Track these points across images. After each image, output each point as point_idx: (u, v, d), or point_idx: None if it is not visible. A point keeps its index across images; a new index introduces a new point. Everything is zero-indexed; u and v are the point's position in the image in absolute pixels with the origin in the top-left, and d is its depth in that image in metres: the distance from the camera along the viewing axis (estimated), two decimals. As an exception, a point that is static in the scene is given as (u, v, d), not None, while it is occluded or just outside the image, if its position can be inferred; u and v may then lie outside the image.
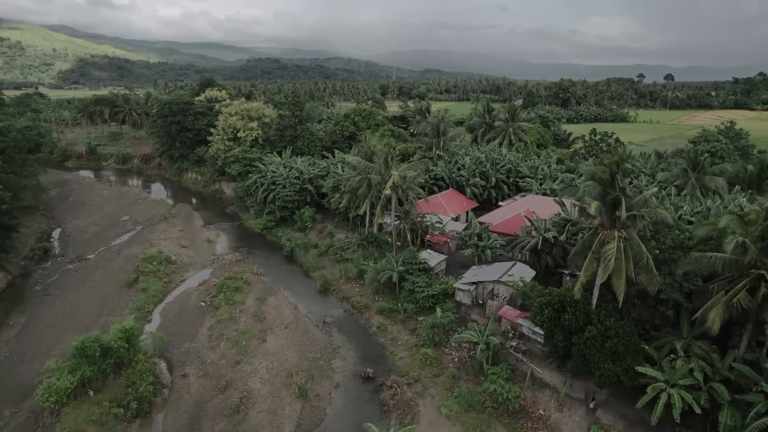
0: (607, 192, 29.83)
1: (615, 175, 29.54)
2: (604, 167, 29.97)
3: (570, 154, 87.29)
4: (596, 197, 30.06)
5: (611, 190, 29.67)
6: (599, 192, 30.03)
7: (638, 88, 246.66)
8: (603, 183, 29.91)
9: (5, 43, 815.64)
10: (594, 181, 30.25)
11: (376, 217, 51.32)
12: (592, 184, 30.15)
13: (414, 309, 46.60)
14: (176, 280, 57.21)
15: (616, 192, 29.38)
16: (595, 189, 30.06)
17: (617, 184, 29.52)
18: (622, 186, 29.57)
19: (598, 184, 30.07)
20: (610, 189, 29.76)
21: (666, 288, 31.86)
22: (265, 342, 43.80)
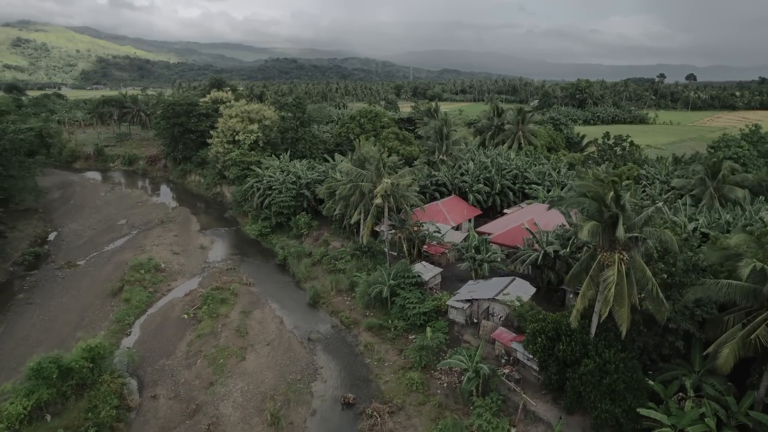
0: (603, 210, 26.44)
1: (614, 192, 26.10)
2: (601, 183, 26.59)
3: (582, 159, 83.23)
4: (591, 215, 26.70)
5: (608, 208, 26.27)
6: (595, 209, 26.65)
7: (658, 88, 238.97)
8: (599, 199, 26.53)
9: (31, 44, 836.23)
10: (587, 197, 26.88)
11: (366, 228, 48.46)
12: (585, 201, 26.75)
13: (405, 326, 43.63)
14: (163, 290, 55.11)
15: (613, 210, 25.95)
16: (590, 206, 26.67)
17: (616, 201, 26.08)
18: (621, 203, 26.11)
19: (593, 200, 26.69)
20: (607, 207, 26.36)
21: (676, 316, 28.38)
22: (243, 360, 41.24)
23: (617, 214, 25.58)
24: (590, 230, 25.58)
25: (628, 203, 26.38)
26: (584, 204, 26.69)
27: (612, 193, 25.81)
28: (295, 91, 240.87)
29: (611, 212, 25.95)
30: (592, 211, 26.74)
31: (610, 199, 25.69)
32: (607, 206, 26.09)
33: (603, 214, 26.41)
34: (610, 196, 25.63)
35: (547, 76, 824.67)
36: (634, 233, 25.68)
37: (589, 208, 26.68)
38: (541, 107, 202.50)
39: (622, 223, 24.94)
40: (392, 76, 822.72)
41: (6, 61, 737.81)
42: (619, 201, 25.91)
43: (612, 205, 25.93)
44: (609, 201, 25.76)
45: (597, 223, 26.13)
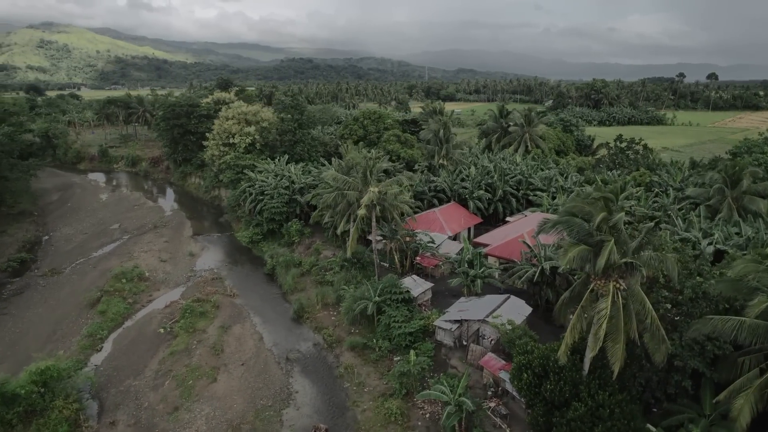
0: (595, 233, 22.89)
1: (606, 213, 22.52)
2: (593, 202, 23.07)
3: (592, 163, 79.00)
4: (581, 238, 23.16)
5: (599, 231, 22.72)
6: (585, 232, 23.09)
7: (678, 88, 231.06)
8: (589, 220, 23.00)
9: (54, 45, 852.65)
10: (576, 217, 23.34)
11: (351, 239, 45.32)
12: (574, 222, 23.20)
13: (389, 347, 40.44)
14: (143, 300, 52.72)
15: (605, 233, 22.37)
16: (579, 228, 23.10)
17: (607, 223, 22.49)
18: (613, 225, 22.49)
19: (583, 221, 23.15)
20: (598, 229, 22.80)
21: (683, 352, 24.74)
22: (214, 382, 38.44)
23: (604, 240, 22.00)
24: (576, 256, 22.09)
25: (623, 225, 22.74)
26: (573, 225, 23.21)
27: (603, 214, 22.27)
28: (305, 92, 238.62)
29: (598, 238, 22.40)
30: (582, 233, 23.24)
31: (600, 221, 22.15)
32: (598, 228, 22.56)
33: (594, 237, 22.87)
34: (600, 217, 22.10)
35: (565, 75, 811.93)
36: (629, 259, 22.05)
37: (579, 230, 23.19)
38: (555, 107, 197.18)
39: (614, 248, 21.34)
40: (407, 76, 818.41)
41: (30, 62, 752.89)
42: (612, 222, 22.30)
43: (603, 227, 22.39)
44: (600, 223, 22.23)
45: (587, 248, 22.60)
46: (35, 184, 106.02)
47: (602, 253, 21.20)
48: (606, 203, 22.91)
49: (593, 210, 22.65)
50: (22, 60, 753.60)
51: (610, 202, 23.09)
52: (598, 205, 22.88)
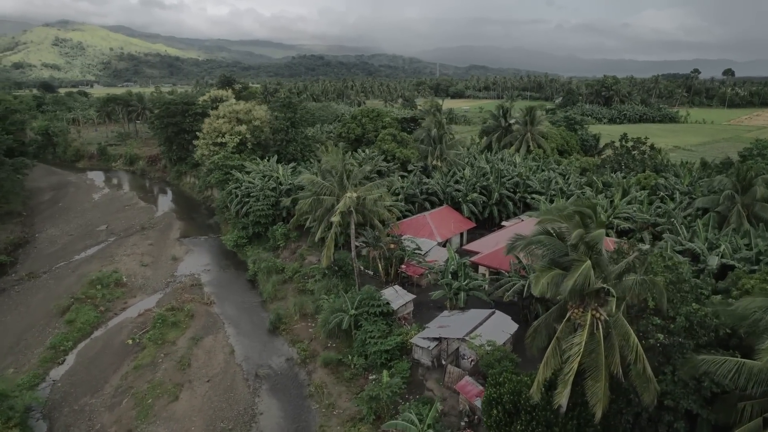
0: (567, 254, 19.77)
1: (582, 230, 19.38)
2: (569, 216, 19.94)
3: (597, 164, 75.25)
4: (555, 261, 20.06)
5: (576, 252, 19.59)
6: (561, 252, 19.98)
7: (692, 84, 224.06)
8: (564, 239, 19.92)
9: (68, 43, 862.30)
10: (551, 236, 20.25)
11: (326, 248, 42.44)
12: (547, 241, 20.12)
13: (364, 364, 37.64)
14: (117, 308, 50.46)
15: (578, 254, 19.23)
16: (554, 248, 20.00)
17: (586, 243, 19.34)
18: (593, 246, 19.34)
19: (558, 240, 20.06)
20: (575, 250, 19.68)
21: (675, 390, 21.56)
22: (175, 401, 35.92)
23: (581, 259, 18.87)
24: (551, 282, 19.03)
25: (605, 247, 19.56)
26: (547, 245, 20.13)
27: (579, 231, 19.16)
28: (310, 89, 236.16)
29: (577, 257, 19.28)
30: (557, 254, 20.15)
31: (576, 239, 19.04)
32: (574, 248, 19.45)
33: (563, 261, 19.76)
34: (576, 234, 18.99)
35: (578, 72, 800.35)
36: (603, 284, 18.87)
37: (554, 250, 20.10)
38: (564, 105, 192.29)
39: (589, 271, 18.23)
40: (419, 73, 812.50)
41: (45, 59, 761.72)
42: (589, 240, 19.13)
43: (581, 248, 19.27)
44: (577, 242, 19.12)
45: (561, 272, 19.52)
46: (30, 183, 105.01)
47: (570, 275, 18.13)
48: (582, 218, 19.77)
49: (569, 226, 19.56)
50: (37, 58, 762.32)
51: (588, 218, 19.94)
52: (574, 221, 19.76)
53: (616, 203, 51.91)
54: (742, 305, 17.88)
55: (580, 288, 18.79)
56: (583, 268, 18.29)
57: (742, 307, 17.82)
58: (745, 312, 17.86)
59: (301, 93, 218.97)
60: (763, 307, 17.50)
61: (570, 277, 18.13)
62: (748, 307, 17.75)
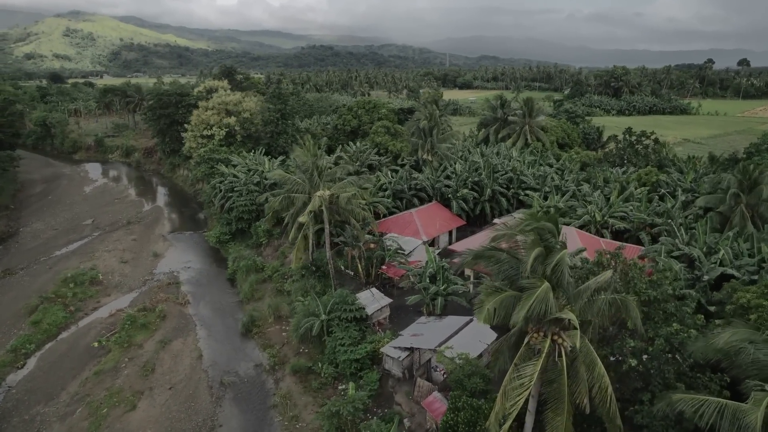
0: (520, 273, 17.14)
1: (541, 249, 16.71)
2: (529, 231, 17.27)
3: (598, 158, 71.98)
4: (510, 278, 17.45)
5: (533, 273, 16.94)
6: (516, 271, 17.34)
7: (706, 75, 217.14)
8: (517, 256, 17.28)
9: (79, 34, 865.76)
10: (504, 253, 17.62)
11: (296, 249, 40.14)
12: (498, 257, 17.49)
13: (334, 373, 35.44)
14: (88, 308, 48.64)
15: (536, 276, 16.58)
16: (508, 266, 17.37)
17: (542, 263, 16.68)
18: (554, 266, 16.65)
19: (512, 258, 17.44)
20: (532, 271, 17.02)
21: (653, 423, 18.97)
22: (132, 410, 33.97)
23: (537, 283, 16.24)
24: (499, 307, 16.48)
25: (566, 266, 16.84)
26: (498, 262, 17.56)
27: (538, 250, 16.54)
28: (314, 80, 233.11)
29: (534, 280, 16.65)
30: (512, 273, 17.57)
31: (532, 261, 16.42)
32: (532, 270, 16.83)
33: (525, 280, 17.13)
34: (534, 254, 16.37)
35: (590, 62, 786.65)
36: (559, 314, 16.21)
37: (507, 268, 17.53)
38: (572, 96, 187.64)
39: (549, 296, 15.63)
40: (429, 63, 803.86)
41: (56, 50, 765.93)
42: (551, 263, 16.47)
43: (537, 268, 16.64)
44: (531, 263, 16.49)
45: (514, 294, 16.94)
46: (24, 175, 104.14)
47: (524, 301, 15.57)
48: (539, 237, 17.12)
49: (528, 244, 16.97)
50: (48, 48, 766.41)
51: (549, 234, 17.27)
52: (531, 239, 17.14)
53: (612, 201, 48.91)
54: (722, 339, 15.20)
55: (537, 315, 16.21)
56: (540, 292, 15.71)
57: (723, 342, 15.13)
58: (725, 347, 15.18)
59: (304, 84, 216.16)
60: (746, 340, 14.82)
61: (523, 305, 15.56)
62: (728, 341, 15.08)
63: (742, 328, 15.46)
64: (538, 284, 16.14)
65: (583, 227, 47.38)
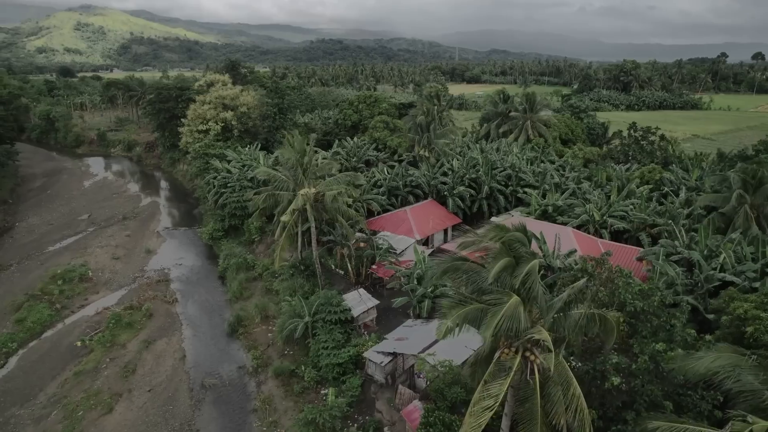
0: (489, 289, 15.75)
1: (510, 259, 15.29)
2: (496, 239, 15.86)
3: (602, 154, 70.04)
4: (477, 291, 16.09)
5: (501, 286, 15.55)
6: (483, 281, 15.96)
7: (719, 69, 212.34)
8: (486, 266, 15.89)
9: (90, 28, 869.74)
10: (469, 262, 16.25)
11: (278, 249, 39.01)
12: (463, 269, 16.11)
13: (316, 377, 34.33)
14: (74, 306, 47.89)
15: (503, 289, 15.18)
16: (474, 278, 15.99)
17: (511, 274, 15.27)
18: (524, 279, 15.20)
19: (480, 267, 16.06)
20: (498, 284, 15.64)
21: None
22: (109, 413, 33.10)
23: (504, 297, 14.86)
24: (461, 322, 15.14)
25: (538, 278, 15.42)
26: (466, 273, 16.21)
27: (505, 261, 15.15)
28: (319, 74, 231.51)
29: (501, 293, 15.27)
30: (482, 284, 16.21)
31: (497, 272, 15.02)
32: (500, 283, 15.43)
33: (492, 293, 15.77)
34: (500, 266, 14.99)
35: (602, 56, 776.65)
36: (531, 334, 14.80)
37: (477, 279, 16.18)
38: (580, 90, 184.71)
39: (519, 312, 14.26)
40: (438, 57, 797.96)
41: (67, 44, 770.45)
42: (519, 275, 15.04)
43: (506, 281, 15.25)
44: (494, 274, 15.11)
45: (482, 307, 15.57)
46: (25, 169, 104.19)
47: (489, 321, 14.23)
48: (507, 248, 15.71)
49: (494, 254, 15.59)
50: (59, 42, 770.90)
51: (519, 243, 15.86)
52: (498, 249, 15.75)
53: (612, 199, 47.18)
54: (703, 364, 13.73)
55: (506, 332, 14.83)
56: (508, 307, 14.35)
57: (704, 368, 13.66)
58: (707, 372, 13.73)
59: (309, 78, 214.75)
60: (731, 365, 13.36)
61: (489, 323, 14.22)
62: (710, 367, 13.62)
63: (726, 353, 13.97)
64: (505, 299, 14.79)
65: (581, 227, 45.78)
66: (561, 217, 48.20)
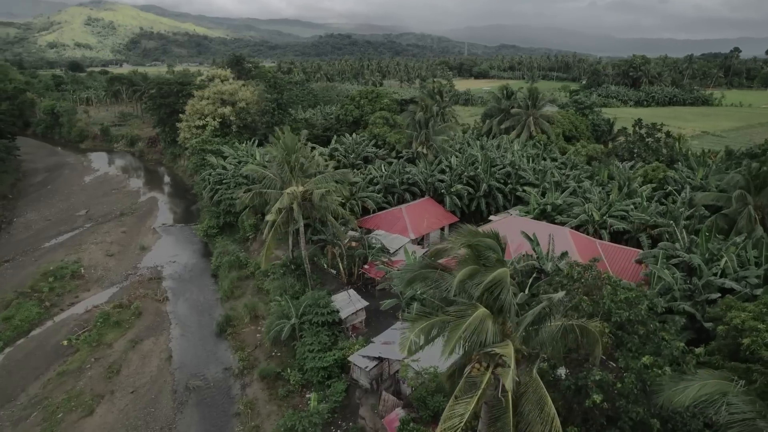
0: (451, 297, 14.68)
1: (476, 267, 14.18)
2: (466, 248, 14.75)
3: (605, 152, 68.35)
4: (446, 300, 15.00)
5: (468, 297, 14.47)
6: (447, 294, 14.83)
7: (732, 64, 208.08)
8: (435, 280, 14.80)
9: (100, 23, 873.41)
10: (439, 270, 15.16)
11: (265, 249, 38.15)
12: (436, 276, 15.04)
13: (302, 381, 33.47)
14: (64, 304, 47.38)
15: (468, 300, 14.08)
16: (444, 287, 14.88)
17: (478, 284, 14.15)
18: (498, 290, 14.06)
19: (450, 276, 14.96)
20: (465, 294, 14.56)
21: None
22: (89, 416, 32.46)
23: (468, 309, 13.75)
24: (426, 337, 14.04)
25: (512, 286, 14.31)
26: (435, 282, 15.13)
27: (470, 270, 14.02)
28: (324, 69, 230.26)
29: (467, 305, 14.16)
30: (446, 293, 15.10)
31: (460, 281, 13.90)
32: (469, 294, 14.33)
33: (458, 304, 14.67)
34: (464, 274, 13.84)
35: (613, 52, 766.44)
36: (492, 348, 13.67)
37: (444, 288, 15.08)
38: (589, 86, 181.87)
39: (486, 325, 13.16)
40: (447, 52, 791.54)
41: (78, 39, 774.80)
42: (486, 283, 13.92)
43: (473, 291, 14.14)
44: (457, 283, 13.99)
45: (447, 319, 14.48)
46: (28, 164, 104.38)
47: (449, 337, 13.13)
48: (475, 254, 14.60)
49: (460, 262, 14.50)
50: (70, 37, 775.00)
51: (491, 251, 14.73)
52: (464, 256, 14.64)
53: (612, 199, 45.72)
54: (690, 392, 12.48)
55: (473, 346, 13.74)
56: (473, 320, 13.25)
57: (689, 398, 12.43)
58: (694, 402, 12.51)
59: (315, 73, 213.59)
60: (717, 393, 12.16)
61: (450, 337, 13.12)
62: (696, 397, 12.40)
63: (713, 380, 12.72)
64: (470, 311, 13.71)
65: (580, 227, 44.41)
66: (560, 216, 46.86)
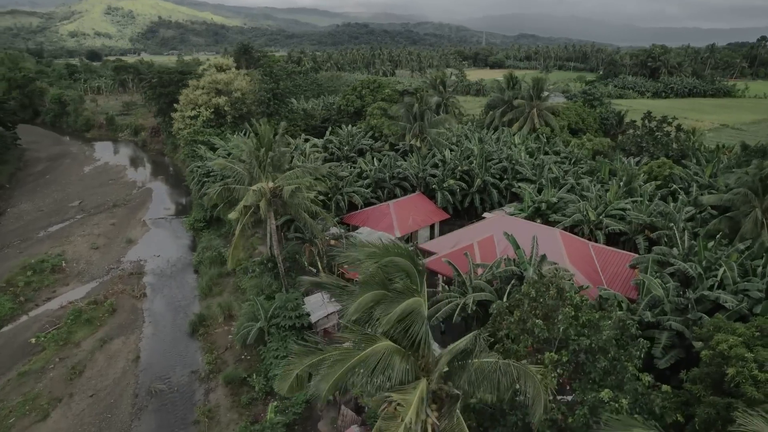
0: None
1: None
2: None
3: (612, 146, 64.96)
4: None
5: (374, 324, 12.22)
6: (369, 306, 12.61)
7: (758, 54, 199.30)
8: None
9: (119, 12, 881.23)
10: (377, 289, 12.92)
11: (232, 247, 36.30)
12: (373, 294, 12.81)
13: (266, 388, 31.68)
14: (40, 299, 46.25)
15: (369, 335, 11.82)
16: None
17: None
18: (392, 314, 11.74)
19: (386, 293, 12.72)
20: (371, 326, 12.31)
21: None
22: (43, 421, 31.06)
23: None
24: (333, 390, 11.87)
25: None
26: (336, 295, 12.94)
27: (371, 295, 11.75)
28: (335, 58, 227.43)
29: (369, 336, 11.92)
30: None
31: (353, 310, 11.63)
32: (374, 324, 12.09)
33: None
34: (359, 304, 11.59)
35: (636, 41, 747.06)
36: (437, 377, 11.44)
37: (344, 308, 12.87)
38: (605, 77, 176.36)
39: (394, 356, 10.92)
40: (465, 42, 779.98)
41: (97, 28, 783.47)
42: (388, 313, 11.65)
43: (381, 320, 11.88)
44: (353, 312, 11.73)
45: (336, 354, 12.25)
46: (31, 153, 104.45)
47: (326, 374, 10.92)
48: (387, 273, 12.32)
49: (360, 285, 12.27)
50: (90, 26, 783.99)
51: (403, 272, 12.43)
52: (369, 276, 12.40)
53: (609, 197, 42.77)
54: None
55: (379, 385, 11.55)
56: (373, 353, 10.99)
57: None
58: None
59: (325, 62, 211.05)
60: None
61: (327, 375, 10.88)
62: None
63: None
64: (364, 345, 11.50)
65: (574, 227, 41.66)
66: (555, 215, 44.13)
